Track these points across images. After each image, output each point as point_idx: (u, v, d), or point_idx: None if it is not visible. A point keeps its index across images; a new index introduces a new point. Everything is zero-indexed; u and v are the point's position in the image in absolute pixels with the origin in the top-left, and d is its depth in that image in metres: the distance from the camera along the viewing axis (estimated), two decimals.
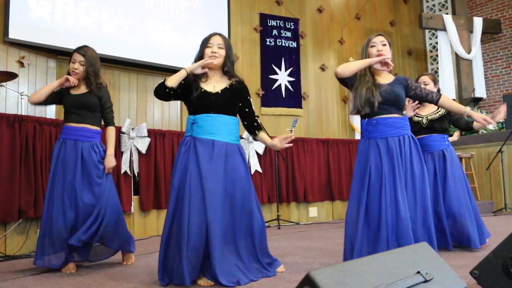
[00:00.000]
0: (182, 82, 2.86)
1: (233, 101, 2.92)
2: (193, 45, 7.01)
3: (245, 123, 3.05)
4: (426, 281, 1.62)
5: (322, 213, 6.91)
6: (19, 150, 4.04)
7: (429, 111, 4.09)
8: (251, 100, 3.04)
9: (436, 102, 3.10)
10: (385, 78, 3.06)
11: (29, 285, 2.75)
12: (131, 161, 5.07)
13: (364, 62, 2.96)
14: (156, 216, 5.30)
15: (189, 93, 2.87)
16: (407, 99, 3.52)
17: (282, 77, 7.94)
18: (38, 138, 4.20)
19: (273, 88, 7.83)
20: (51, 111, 5.81)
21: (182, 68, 2.88)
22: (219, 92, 2.87)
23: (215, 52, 2.87)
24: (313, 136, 7.67)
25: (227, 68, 2.93)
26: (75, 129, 3.33)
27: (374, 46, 3.04)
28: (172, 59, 6.74)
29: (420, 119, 4.06)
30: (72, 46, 6.49)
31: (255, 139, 3.14)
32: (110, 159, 3.36)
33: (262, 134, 3.03)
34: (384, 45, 3.04)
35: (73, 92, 3.42)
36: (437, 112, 4.06)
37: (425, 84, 4.00)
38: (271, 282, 2.67)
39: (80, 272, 3.14)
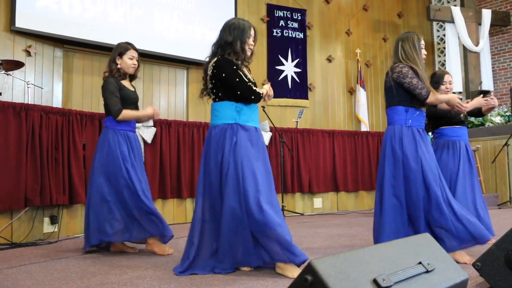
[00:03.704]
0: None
1: None
2: (200, 35, 7.00)
3: None
4: (427, 271, 1.62)
5: (327, 204, 6.92)
6: (26, 138, 4.06)
7: None
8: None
9: (423, 100, 2.98)
10: None
11: (34, 273, 2.78)
12: None
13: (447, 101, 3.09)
14: (162, 206, 5.31)
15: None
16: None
17: (289, 68, 7.93)
18: (44, 127, 4.22)
19: (279, 79, 7.82)
20: (57, 100, 5.83)
21: (187, 58, 2.88)
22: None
23: (252, 44, 2.87)
24: (318, 128, 7.66)
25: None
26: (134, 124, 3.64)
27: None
28: (178, 49, 6.73)
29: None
30: (79, 35, 6.40)
31: None
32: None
33: None
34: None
35: (127, 86, 3.56)
36: None
37: (450, 83, 3.74)
38: (274, 271, 2.68)
39: (85, 261, 3.17)
